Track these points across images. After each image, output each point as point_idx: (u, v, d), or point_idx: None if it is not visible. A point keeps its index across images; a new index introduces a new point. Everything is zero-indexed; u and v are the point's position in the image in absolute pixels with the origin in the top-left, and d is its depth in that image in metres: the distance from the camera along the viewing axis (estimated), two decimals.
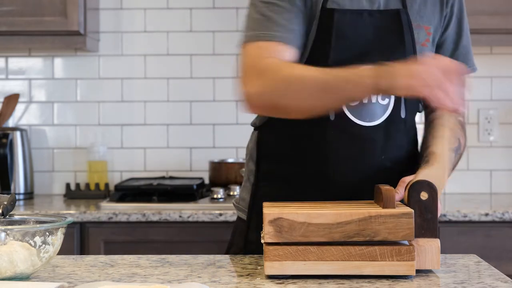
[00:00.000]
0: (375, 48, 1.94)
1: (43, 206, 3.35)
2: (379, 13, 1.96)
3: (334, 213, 1.62)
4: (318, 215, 1.62)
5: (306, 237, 1.62)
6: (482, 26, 3.36)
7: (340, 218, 1.62)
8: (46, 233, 1.64)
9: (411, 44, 1.96)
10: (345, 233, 1.61)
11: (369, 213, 1.62)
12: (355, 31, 1.94)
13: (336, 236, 1.62)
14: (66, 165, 3.72)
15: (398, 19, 1.95)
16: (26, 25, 3.37)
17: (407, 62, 1.74)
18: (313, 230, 1.61)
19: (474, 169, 3.71)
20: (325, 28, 1.93)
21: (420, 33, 1.98)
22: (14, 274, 1.61)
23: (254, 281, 1.61)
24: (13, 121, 3.72)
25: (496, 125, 3.70)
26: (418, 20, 1.98)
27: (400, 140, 1.99)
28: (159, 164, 3.71)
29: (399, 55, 1.94)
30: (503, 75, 3.70)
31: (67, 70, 3.72)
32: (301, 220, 1.62)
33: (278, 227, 1.61)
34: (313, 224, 1.61)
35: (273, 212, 1.63)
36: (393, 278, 1.62)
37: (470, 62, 2.09)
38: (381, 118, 1.95)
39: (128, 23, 3.71)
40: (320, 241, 1.64)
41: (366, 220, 1.62)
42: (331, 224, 1.61)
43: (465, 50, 2.07)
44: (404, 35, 1.95)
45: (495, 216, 3.07)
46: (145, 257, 1.89)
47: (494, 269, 1.75)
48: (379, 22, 1.95)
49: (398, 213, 1.62)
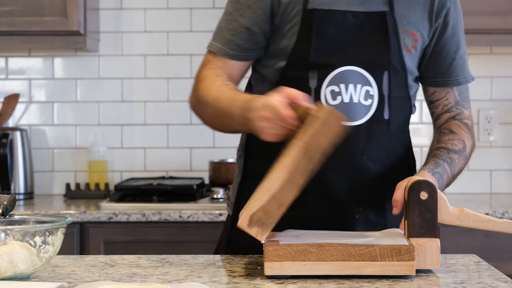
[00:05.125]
0: (359, 50, 1.95)
1: (43, 206, 3.35)
2: (364, 14, 1.96)
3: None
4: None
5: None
6: (482, 26, 3.36)
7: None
8: (46, 233, 1.64)
9: (397, 48, 1.96)
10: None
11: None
12: (337, 31, 1.95)
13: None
14: (66, 165, 3.72)
15: (384, 22, 1.95)
16: (26, 25, 3.37)
17: (268, 95, 1.74)
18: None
19: (474, 169, 3.71)
20: (306, 28, 1.94)
21: (406, 38, 1.98)
22: (14, 274, 1.61)
23: (254, 281, 1.61)
24: (13, 121, 3.72)
25: (496, 125, 3.70)
26: (405, 25, 1.97)
27: (384, 142, 1.98)
28: (159, 164, 3.71)
29: (384, 57, 1.95)
30: (503, 75, 3.70)
31: (67, 70, 3.72)
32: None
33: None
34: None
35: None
36: (393, 278, 1.62)
37: (466, 72, 2.09)
38: (363, 119, 1.95)
39: (128, 23, 3.71)
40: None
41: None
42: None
43: (462, 61, 2.07)
44: (390, 38, 1.95)
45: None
46: (145, 257, 1.89)
47: (494, 269, 1.75)
48: (364, 24, 1.96)
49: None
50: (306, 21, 1.94)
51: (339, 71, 1.94)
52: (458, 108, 2.08)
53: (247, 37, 1.98)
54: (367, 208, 1.98)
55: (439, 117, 2.10)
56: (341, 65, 1.94)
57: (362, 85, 1.95)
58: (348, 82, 1.94)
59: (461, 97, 2.09)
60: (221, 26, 2.01)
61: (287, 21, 1.96)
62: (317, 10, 1.94)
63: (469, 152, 2.05)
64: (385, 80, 1.96)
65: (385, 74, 1.96)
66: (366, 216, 1.97)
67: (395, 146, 2.01)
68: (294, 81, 1.94)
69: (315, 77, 1.94)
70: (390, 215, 1.97)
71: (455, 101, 2.08)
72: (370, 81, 1.95)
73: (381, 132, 1.97)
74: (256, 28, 1.97)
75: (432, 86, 2.08)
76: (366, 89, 1.95)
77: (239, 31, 1.97)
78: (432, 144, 2.05)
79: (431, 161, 1.94)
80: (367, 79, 1.95)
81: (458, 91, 2.08)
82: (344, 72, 1.94)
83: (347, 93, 1.94)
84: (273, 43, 1.99)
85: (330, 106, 1.69)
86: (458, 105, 2.08)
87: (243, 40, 1.98)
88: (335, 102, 1.93)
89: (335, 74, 1.94)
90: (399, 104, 1.99)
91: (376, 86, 1.95)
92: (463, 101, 2.09)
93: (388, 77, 1.96)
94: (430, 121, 3.85)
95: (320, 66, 1.94)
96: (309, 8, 1.94)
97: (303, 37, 1.94)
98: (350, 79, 1.94)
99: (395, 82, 1.97)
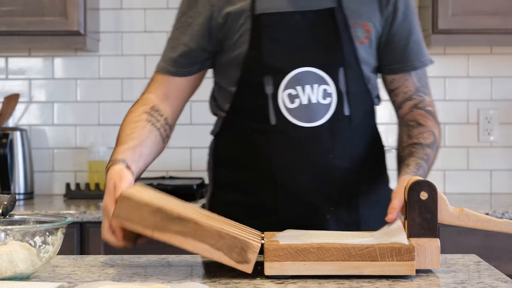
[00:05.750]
0: (311, 48, 1.95)
1: (43, 206, 3.35)
2: (312, 13, 1.96)
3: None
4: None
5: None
6: (482, 26, 3.36)
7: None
8: (46, 233, 1.64)
9: (349, 42, 1.96)
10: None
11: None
12: (286, 34, 1.95)
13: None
14: (66, 165, 3.72)
15: (333, 18, 1.95)
16: (26, 25, 3.37)
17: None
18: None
19: (474, 169, 3.71)
20: (256, 34, 1.95)
21: (358, 31, 1.97)
22: (14, 274, 1.61)
23: (254, 281, 1.61)
24: (13, 121, 3.72)
25: (496, 125, 3.70)
26: (355, 18, 1.97)
27: (348, 138, 1.98)
28: (159, 164, 3.70)
29: (337, 54, 1.95)
30: (503, 75, 3.70)
31: (67, 70, 3.72)
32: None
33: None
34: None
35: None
36: (393, 278, 1.62)
37: (422, 55, 2.05)
38: (323, 118, 1.96)
39: (128, 23, 3.71)
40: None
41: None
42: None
43: (416, 45, 2.04)
44: (341, 34, 1.95)
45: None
46: (145, 257, 1.90)
47: (494, 269, 1.75)
48: (313, 22, 1.96)
49: None
50: (255, 27, 1.95)
51: (294, 73, 1.95)
52: (419, 95, 2.05)
53: (186, 53, 2.03)
54: (338, 207, 1.98)
55: (401, 106, 2.07)
56: (295, 68, 1.94)
57: (319, 84, 1.95)
58: (305, 83, 1.94)
59: (421, 83, 2.05)
60: (166, 45, 2.08)
61: (235, 30, 1.98)
62: (264, 14, 1.95)
63: (438, 141, 2.02)
64: (341, 76, 1.96)
65: (340, 70, 1.96)
66: (338, 215, 1.97)
67: (361, 141, 2.01)
68: (250, 89, 1.97)
69: (271, 83, 1.95)
70: (363, 212, 1.98)
71: (415, 88, 2.05)
72: (326, 80, 1.95)
73: (343, 129, 1.96)
74: (194, 44, 2.02)
75: (389, 74, 2.06)
76: (323, 88, 1.95)
77: (179, 48, 2.03)
78: (402, 138, 2.02)
79: (412, 162, 1.92)
80: (323, 78, 1.95)
81: (417, 77, 2.05)
82: (299, 74, 1.94)
83: (304, 94, 1.94)
84: (226, 54, 2.01)
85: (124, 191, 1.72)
86: (418, 92, 2.05)
87: (181, 56, 2.03)
88: (293, 105, 1.94)
89: (290, 77, 1.95)
90: (359, 98, 1.99)
91: (333, 84, 1.95)
92: (423, 87, 2.06)
93: (344, 72, 1.96)
94: None
95: (274, 71, 1.95)
96: (257, 13, 1.95)
97: (254, 44, 1.95)
98: (306, 80, 1.94)
99: (351, 77, 1.97)
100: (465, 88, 3.69)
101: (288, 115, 1.95)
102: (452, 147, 3.71)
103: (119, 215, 1.65)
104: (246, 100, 1.99)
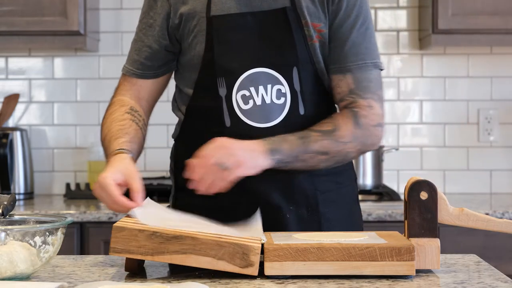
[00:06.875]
0: (264, 49, 1.95)
1: (43, 206, 3.35)
2: (264, 14, 1.95)
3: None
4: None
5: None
6: (482, 26, 3.37)
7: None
8: (46, 233, 1.64)
9: (302, 42, 1.95)
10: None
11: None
12: (237, 34, 1.95)
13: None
14: (66, 165, 3.72)
15: (285, 18, 1.95)
16: (26, 25, 3.37)
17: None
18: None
19: (474, 169, 3.71)
20: (209, 37, 1.95)
21: (310, 30, 1.96)
22: (14, 274, 1.61)
23: (254, 281, 1.61)
24: (13, 121, 3.72)
25: (496, 125, 3.70)
26: (307, 17, 1.96)
27: None
28: (159, 164, 3.71)
29: (290, 53, 1.95)
30: (503, 75, 3.70)
31: (67, 70, 3.72)
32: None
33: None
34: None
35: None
36: (393, 278, 1.62)
37: (361, 59, 1.96)
38: (278, 118, 1.96)
39: (128, 23, 3.71)
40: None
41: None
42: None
43: (354, 48, 1.96)
44: (294, 33, 1.95)
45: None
46: None
47: (494, 269, 1.75)
48: (265, 23, 1.96)
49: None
50: (208, 29, 1.95)
51: (246, 74, 1.94)
52: (351, 97, 1.96)
53: (150, 55, 2.04)
54: (297, 205, 1.98)
55: (338, 106, 2.01)
56: (248, 69, 1.94)
57: (272, 85, 1.94)
58: (258, 84, 1.94)
59: (357, 85, 1.96)
60: (130, 48, 2.08)
61: (190, 31, 1.98)
62: (216, 16, 1.95)
63: (344, 135, 1.92)
64: (295, 76, 1.95)
65: (294, 70, 1.95)
66: (298, 214, 1.98)
67: None
68: (206, 91, 1.97)
69: (224, 85, 1.95)
70: (323, 209, 1.98)
71: (348, 89, 1.97)
72: (280, 80, 1.95)
73: (299, 128, 1.94)
74: (156, 45, 2.03)
75: (329, 74, 2.00)
76: (277, 88, 1.95)
77: (143, 50, 2.04)
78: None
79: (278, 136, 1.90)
80: (277, 78, 1.95)
81: (353, 79, 1.96)
82: (252, 75, 1.94)
83: (258, 95, 1.94)
84: (183, 56, 2.02)
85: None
86: (352, 94, 1.96)
87: (147, 59, 2.04)
88: (247, 107, 1.94)
89: (243, 78, 1.95)
90: (314, 98, 1.98)
91: (287, 84, 1.95)
92: (360, 90, 1.96)
93: (297, 72, 1.95)
94: (430, 121, 3.86)
95: (227, 73, 1.95)
96: (210, 16, 1.95)
97: (207, 46, 1.96)
98: (259, 80, 1.94)
99: (305, 76, 1.96)
100: (465, 88, 3.69)
101: (242, 117, 1.95)
102: (452, 147, 3.71)
103: (116, 249, 1.65)
104: (201, 102, 2.00)
